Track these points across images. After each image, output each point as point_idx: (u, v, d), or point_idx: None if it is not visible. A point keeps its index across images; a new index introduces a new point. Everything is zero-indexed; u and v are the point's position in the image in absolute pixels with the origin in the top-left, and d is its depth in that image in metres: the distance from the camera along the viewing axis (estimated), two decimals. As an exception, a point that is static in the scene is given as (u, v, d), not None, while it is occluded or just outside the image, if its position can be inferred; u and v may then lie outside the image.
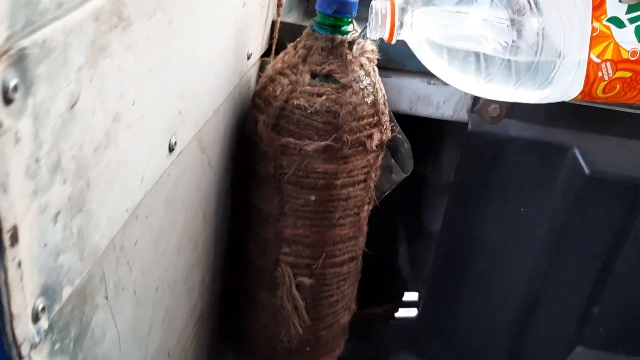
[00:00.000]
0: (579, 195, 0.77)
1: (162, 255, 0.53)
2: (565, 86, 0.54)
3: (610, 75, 0.52)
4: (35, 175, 0.29)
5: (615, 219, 0.78)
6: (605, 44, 0.50)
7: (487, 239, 0.84)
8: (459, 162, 0.79)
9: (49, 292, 0.34)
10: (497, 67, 0.55)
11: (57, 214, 0.32)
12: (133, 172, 0.42)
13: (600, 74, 0.52)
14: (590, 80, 0.52)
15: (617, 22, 0.50)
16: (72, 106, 0.31)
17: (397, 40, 0.57)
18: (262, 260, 0.71)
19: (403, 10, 0.55)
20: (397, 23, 0.56)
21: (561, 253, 0.82)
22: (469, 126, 0.76)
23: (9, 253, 0.29)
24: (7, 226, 0.28)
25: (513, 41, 0.52)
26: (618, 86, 0.53)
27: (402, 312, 1.13)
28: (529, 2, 0.51)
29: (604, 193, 0.76)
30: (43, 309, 0.33)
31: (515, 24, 0.52)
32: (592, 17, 0.50)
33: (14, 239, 0.29)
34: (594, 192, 0.76)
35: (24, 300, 0.31)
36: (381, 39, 0.60)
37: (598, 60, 0.51)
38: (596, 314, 0.86)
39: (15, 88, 0.26)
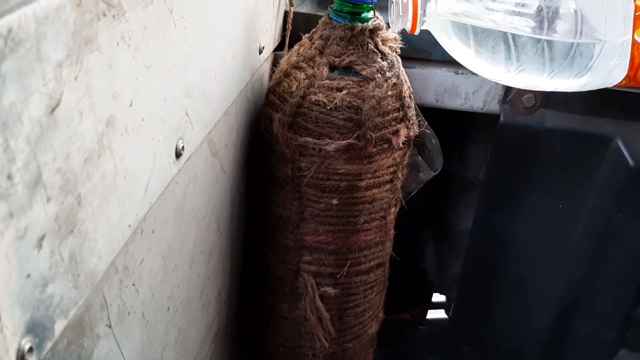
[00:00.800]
0: (623, 190, 0.71)
1: (173, 272, 0.48)
2: (606, 72, 0.49)
3: None
4: (8, 195, 0.24)
5: (662, 214, 0.72)
6: None
7: (521, 238, 0.79)
8: (491, 156, 0.74)
9: (36, 329, 0.29)
10: (529, 54, 0.50)
11: (42, 238, 0.27)
12: (134, 182, 0.37)
13: None
14: (636, 64, 0.48)
15: None
16: (53, 110, 0.26)
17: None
18: (282, 269, 0.66)
19: None
20: (419, 12, 0.52)
21: (602, 252, 0.76)
22: (501, 118, 0.70)
23: (-19, 290, 0.24)
24: (-26, 258, 0.23)
25: (549, 22, 0.47)
26: None
27: (431, 316, 1.07)
28: None
29: (650, 186, 0.70)
30: (30, 349, 0.28)
31: (551, 3, 0.47)
32: None
33: (-14, 272, 0.24)
34: (639, 185, 0.70)
35: (4, 342, 0.26)
36: (404, 30, 0.55)
37: None
38: (640, 315, 0.81)
39: (-28, 89, 0.21)
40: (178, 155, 0.44)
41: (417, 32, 0.54)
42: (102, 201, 0.33)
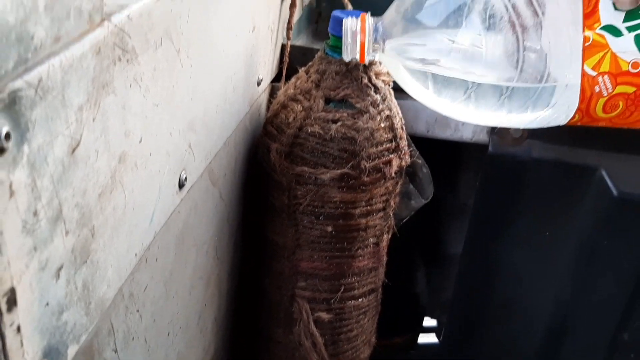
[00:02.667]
0: (607, 218, 0.73)
1: (174, 298, 0.49)
2: (562, 108, 0.48)
3: (610, 90, 0.45)
4: (33, 230, 0.26)
5: (646, 241, 0.75)
6: (601, 54, 0.44)
7: (510, 264, 0.81)
8: (480, 185, 0.76)
9: (52, 354, 0.30)
10: (490, 100, 0.50)
11: (60, 269, 0.29)
12: (142, 214, 0.39)
13: (597, 89, 0.45)
14: (587, 97, 0.46)
15: (613, 31, 0.44)
16: (74, 150, 0.28)
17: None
18: (277, 295, 0.67)
19: (377, 28, 0.51)
20: (367, 41, 0.51)
21: (589, 278, 0.78)
22: (490, 148, 0.73)
23: (7, 318, 0.25)
24: (3, 289, 0.25)
25: (520, 69, 0.47)
26: (621, 104, 0.46)
27: (423, 340, 1.09)
28: (539, 20, 0.45)
29: (634, 215, 0.73)
30: (45, 373, 0.30)
31: (518, 49, 0.46)
32: (583, 26, 0.44)
33: (12, 302, 0.25)
34: (623, 215, 0.72)
35: (23, 367, 0.28)
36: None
37: (594, 73, 0.45)
38: (626, 340, 0.82)
39: (7, 136, 0.23)
40: (181, 186, 0.46)
41: (366, 62, 0.54)
42: (113, 232, 0.35)
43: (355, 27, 0.51)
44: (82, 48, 0.27)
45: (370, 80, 0.61)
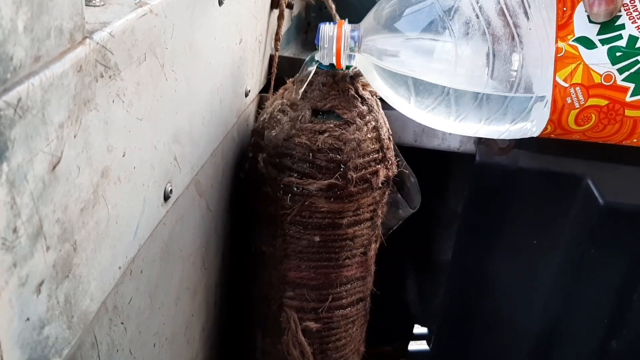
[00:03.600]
0: (594, 227, 0.74)
1: (160, 309, 0.50)
2: (534, 119, 0.48)
3: (582, 102, 0.45)
4: (13, 247, 0.26)
5: (632, 250, 0.75)
6: (573, 66, 0.45)
7: (498, 273, 0.81)
8: (467, 195, 0.76)
9: (33, 368, 0.31)
10: (470, 106, 0.50)
11: (40, 284, 0.29)
12: (125, 227, 0.39)
13: (569, 100, 0.45)
14: (559, 107, 0.46)
15: (587, 43, 0.45)
16: (54, 167, 0.28)
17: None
18: (265, 305, 0.68)
19: (353, 35, 0.52)
20: (343, 46, 0.52)
21: (577, 286, 0.78)
22: (477, 158, 0.73)
23: (-15, 334, 0.26)
24: (-19, 306, 0.25)
25: (490, 75, 0.47)
26: (594, 117, 0.46)
27: (413, 347, 1.09)
28: (511, 31, 0.46)
29: (620, 224, 0.73)
30: (26, 388, 0.30)
31: (494, 56, 0.47)
32: (557, 36, 0.45)
33: (-10, 318, 0.26)
34: (609, 223, 0.73)
35: (3, 382, 0.28)
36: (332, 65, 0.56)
37: (565, 84, 0.45)
38: (615, 347, 0.83)
39: (-15, 155, 0.23)
40: (166, 198, 0.46)
41: (343, 67, 0.54)
42: (96, 246, 0.35)
43: (332, 32, 0.52)
44: (63, 66, 0.28)
45: (357, 91, 0.62)
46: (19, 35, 0.24)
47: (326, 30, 0.52)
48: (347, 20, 0.54)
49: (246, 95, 0.64)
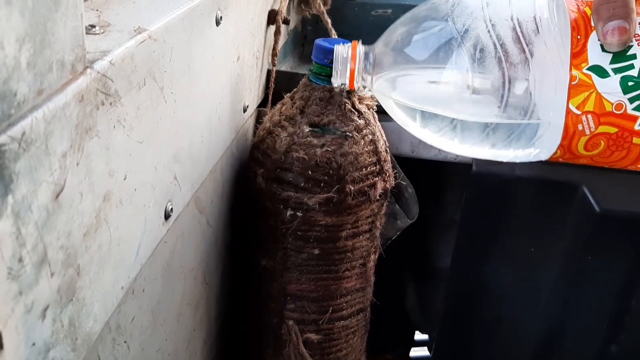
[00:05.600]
0: (591, 234, 0.74)
1: (162, 326, 0.50)
2: (545, 143, 0.48)
3: (593, 129, 0.46)
4: (19, 276, 0.27)
5: (629, 256, 0.76)
6: (586, 94, 0.45)
7: (497, 280, 0.82)
8: (465, 204, 0.77)
9: (38, 391, 0.31)
10: (475, 135, 0.50)
11: (45, 309, 0.30)
12: (127, 248, 0.40)
13: (580, 127, 0.46)
14: (570, 134, 0.46)
15: (600, 72, 0.45)
16: (57, 195, 0.29)
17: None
18: (266, 317, 0.68)
19: (368, 57, 0.52)
20: (357, 68, 0.52)
21: (575, 293, 0.79)
22: (474, 167, 0.74)
23: (-8, 361, 0.26)
24: (-11, 334, 0.26)
25: (505, 105, 0.47)
26: (602, 143, 0.47)
27: (414, 354, 1.10)
28: (527, 58, 0.46)
29: (616, 230, 0.74)
30: (32, 411, 0.31)
31: (510, 83, 0.46)
32: (571, 64, 0.45)
33: (-2, 346, 0.26)
34: (606, 230, 0.74)
35: (10, 407, 0.29)
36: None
37: (578, 112, 0.45)
38: (614, 352, 0.83)
39: (-9, 190, 0.24)
40: (167, 217, 0.47)
41: (356, 88, 0.54)
42: (99, 269, 0.36)
43: (346, 53, 0.52)
44: (65, 98, 0.28)
45: (353, 105, 0.63)
46: (22, 71, 0.25)
47: (340, 51, 0.52)
48: (360, 41, 0.54)
49: (244, 110, 0.65)
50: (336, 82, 0.54)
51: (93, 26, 0.36)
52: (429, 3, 0.51)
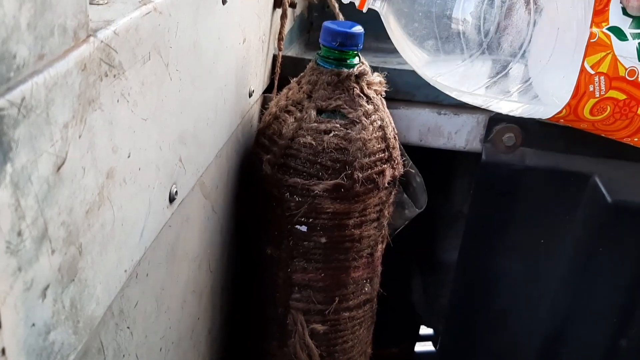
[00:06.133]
0: (602, 225, 0.73)
1: (166, 313, 0.49)
2: (551, 99, 0.48)
3: (603, 92, 0.46)
4: (18, 250, 0.25)
5: (641, 247, 0.75)
6: (603, 54, 0.45)
7: (505, 272, 0.80)
8: (474, 194, 0.76)
9: (38, 375, 0.30)
10: (483, 78, 0.49)
11: (46, 289, 0.29)
12: (131, 229, 0.38)
13: (591, 88, 0.46)
14: (580, 93, 0.46)
15: (619, 33, 0.45)
16: (59, 168, 0.27)
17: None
18: (272, 307, 0.67)
19: None
20: None
21: (585, 285, 0.78)
22: (483, 156, 0.73)
23: (-10, 340, 0.25)
24: (-14, 311, 0.24)
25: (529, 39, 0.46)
26: (608, 109, 0.47)
27: (419, 348, 1.09)
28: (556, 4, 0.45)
29: (628, 221, 0.73)
30: (32, 395, 0.29)
31: (528, 24, 0.46)
32: (592, 21, 0.45)
33: (-5, 324, 0.25)
34: (617, 221, 0.72)
35: (9, 389, 0.27)
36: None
37: (592, 72, 0.45)
38: (624, 347, 0.82)
39: (-11, 156, 0.22)
40: (172, 200, 0.45)
41: (365, 9, 0.53)
42: (101, 249, 0.34)
43: None
44: (67, 65, 0.27)
45: (362, 90, 0.61)
46: (22, 32, 0.24)
47: None
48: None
49: (250, 95, 0.64)
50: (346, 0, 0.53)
51: (97, -3, 0.35)
52: None
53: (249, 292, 0.69)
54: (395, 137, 0.64)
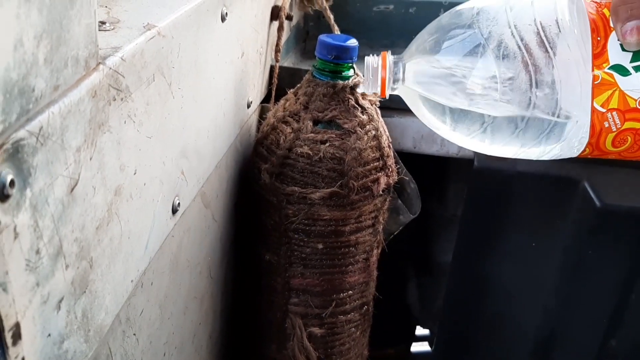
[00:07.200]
0: (592, 229, 0.75)
1: (169, 319, 0.51)
2: (573, 142, 0.50)
3: (619, 125, 0.47)
4: (36, 267, 0.27)
5: (630, 250, 0.77)
6: (609, 92, 0.47)
7: (498, 275, 0.82)
8: (467, 199, 0.78)
9: (53, 382, 0.32)
10: (505, 134, 0.52)
11: (60, 301, 0.31)
12: (137, 241, 0.40)
13: (606, 125, 0.47)
14: (597, 131, 0.48)
15: (621, 70, 0.47)
16: (72, 189, 0.29)
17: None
18: (271, 311, 0.69)
19: (396, 64, 0.54)
20: (388, 77, 0.54)
21: (576, 288, 0.80)
22: (475, 163, 0.75)
23: (12, 351, 0.27)
24: (8, 325, 0.26)
25: (527, 107, 0.48)
26: (629, 139, 0.48)
27: (415, 349, 1.11)
28: (551, 61, 0.47)
29: (617, 225, 0.75)
30: (47, 401, 0.31)
31: (530, 87, 0.48)
32: (593, 65, 0.47)
33: (17, 336, 0.27)
34: (607, 225, 0.74)
35: (26, 396, 0.29)
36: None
37: (603, 110, 0.47)
38: (614, 346, 0.84)
39: (11, 183, 0.24)
40: (174, 211, 0.47)
41: (387, 96, 0.56)
42: (110, 262, 0.36)
43: (376, 64, 0.54)
44: (79, 93, 0.29)
45: (357, 101, 0.63)
46: (39, 67, 0.25)
47: (370, 61, 0.54)
48: (389, 52, 0.55)
49: (248, 106, 0.66)
50: (368, 90, 0.56)
51: (103, 22, 0.37)
52: (452, 11, 0.52)
53: (248, 297, 0.71)
54: (389, 145, 0.66)
